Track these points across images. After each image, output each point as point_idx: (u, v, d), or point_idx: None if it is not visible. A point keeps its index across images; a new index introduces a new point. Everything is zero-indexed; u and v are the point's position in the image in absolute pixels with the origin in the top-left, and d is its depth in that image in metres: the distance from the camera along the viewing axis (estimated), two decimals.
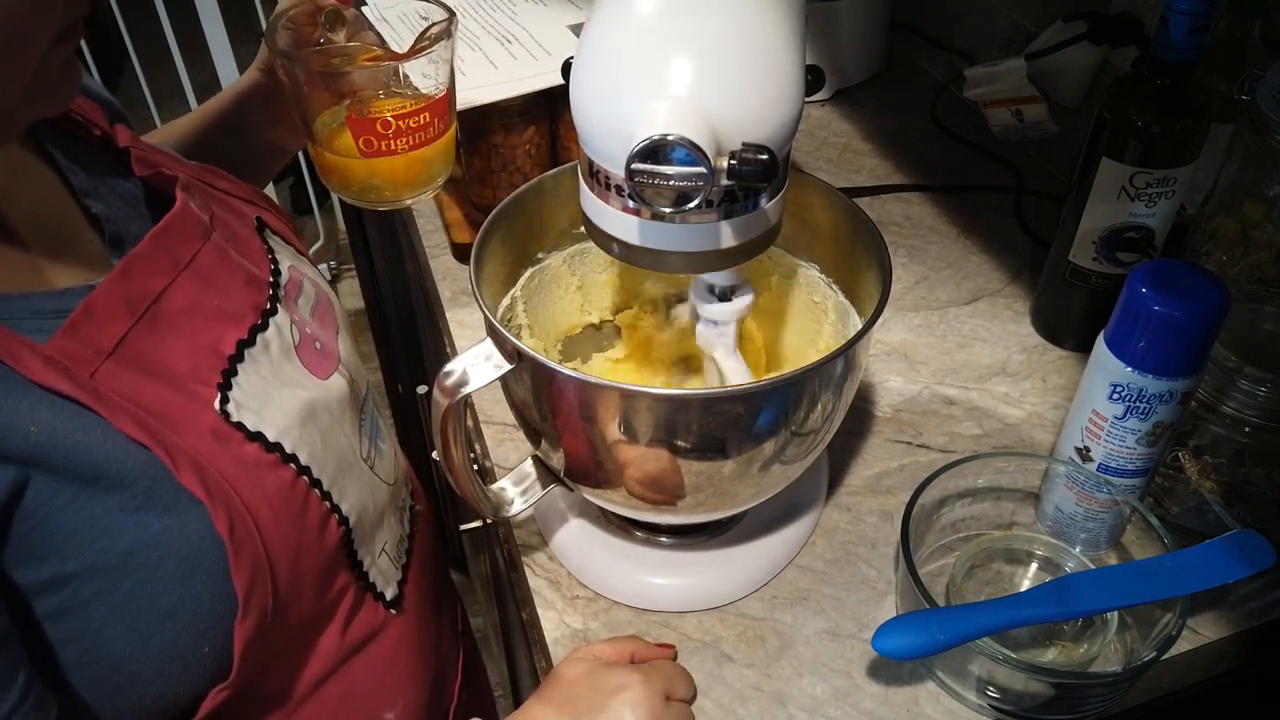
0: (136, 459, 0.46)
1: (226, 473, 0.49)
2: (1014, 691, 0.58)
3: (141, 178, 0.58)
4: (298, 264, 0.64)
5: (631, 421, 0.54)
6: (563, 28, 0.96)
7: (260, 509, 0.50)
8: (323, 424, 0.57)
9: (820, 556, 0.70)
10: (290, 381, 0.56)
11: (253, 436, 0.51)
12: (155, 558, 0.47)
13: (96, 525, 0.45)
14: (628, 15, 0.48)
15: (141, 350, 0.49)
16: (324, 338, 0.62)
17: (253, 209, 0.64)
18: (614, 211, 0.52)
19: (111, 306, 0.49)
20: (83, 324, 0.47)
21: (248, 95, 0.75)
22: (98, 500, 0.45)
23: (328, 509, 0.55)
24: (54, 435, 0.44)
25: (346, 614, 0.59)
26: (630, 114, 0.47)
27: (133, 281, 0.50)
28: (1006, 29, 1.11)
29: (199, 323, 0.52)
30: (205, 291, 0.53)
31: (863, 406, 0.80)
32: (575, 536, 0.69)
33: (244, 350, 0.54)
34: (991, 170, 1.08)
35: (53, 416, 0.44)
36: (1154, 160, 0.72)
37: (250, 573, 0.49)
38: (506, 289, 0.68)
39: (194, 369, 0.51)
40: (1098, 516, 0.65)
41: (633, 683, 0.53)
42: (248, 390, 0.53)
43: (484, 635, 1.58)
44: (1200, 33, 0.67)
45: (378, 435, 0.66)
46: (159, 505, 0.47)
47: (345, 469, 0.58)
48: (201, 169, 0.63)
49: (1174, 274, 0.58)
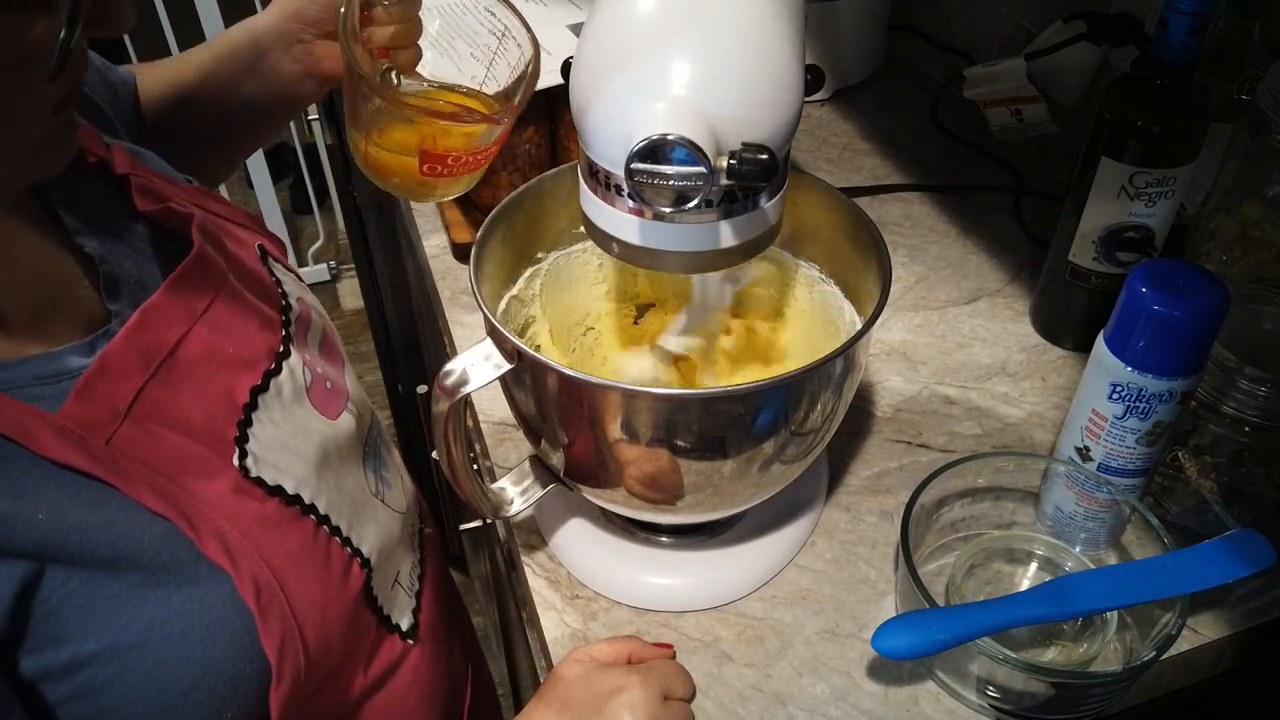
0: (154, 532, 0.45)
1: (249, 534, 0.48)
2: (1014, 691, 0.58)
3: (145, 212, 0.55)
4: (302, 294, 0.63)
5: (631, 421, 0.55)
6: (563, 28, 0.96)
7: (285, 569, 0.49)
8: (335, 466, 0.56)
9: (820, 556, 0.70)
10: (303, 426, 0.55)
11: (273, 491, 0.50)
12: (178, 631, 0.46)
13: (114, 604, 0.44)
14: (628, 15, 0.48)
15: (158, 404, 0.47)
16: (333, 375, 0.61)
17: (251, 235, 0.62)
18: (614, 211, 0.52)
19: (126, 362, 0.46)
20: (97, 383, 0.45)
21: (268, 41, 0.70)
22: (115, 580, 0.44)
23: (349, 555, 0.55)
24: (64, 521, 0.42)
25: (368, 652, 0.59)
26: (630, 114, 0.47)
27: (149, 334, 0.48)
28: (1006, 29, 1.11)
29: (214, 372, 0.50)
30: (221, 339, 0.51)
31: (863, 406, 0.80)
32: (575, 536, 0.69)
33: (258, 397, 0.52)
34: (991, 170, 1.08)
35: (61, 496, 0.43)
36: (1154, 160, 0.72)
37: (280, 637, 0.48)
38: (506, 289, 0.68)
39: (210, 421, 0.49)
40: (1097, 516, 0.65)
41: (630, 683, 0.53)
42: (264, 441, 0.51)
43: (484, 635, 1.58)
44: (1200, 33, 0.67)
45: (382, 467, 0.65)
46: (179, 577, 0.46)
47: (360, 509, 0.57)
48: (197, 192, 0.60)
49: (1174, 274, 0.58)
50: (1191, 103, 0.71)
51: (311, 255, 2.67)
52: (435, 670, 0.67)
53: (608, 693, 0.53)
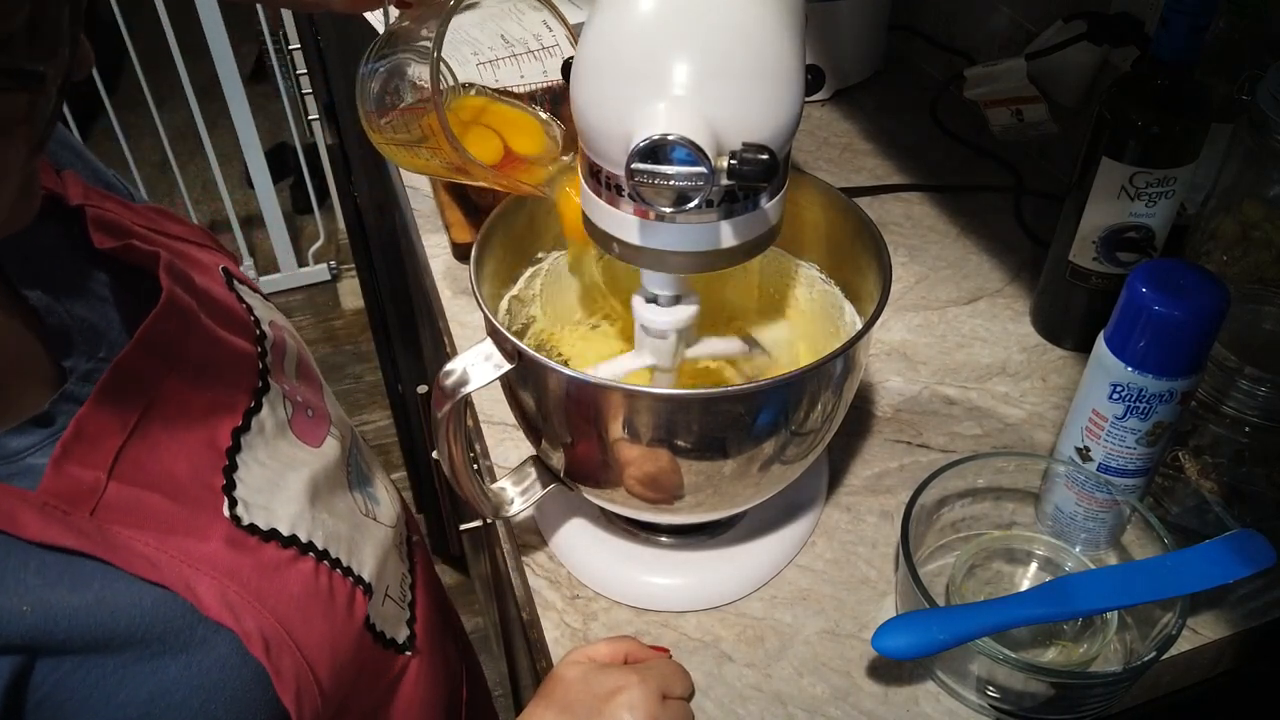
0: (145, 603, 0.43)
1: (250, 585, 0.47)
2: (1014, 691, 0.58)
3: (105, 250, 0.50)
4: (273, 316, 0.61)
5: (632, 421, 0.55)
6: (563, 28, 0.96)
7: (291, 616, 0.48)
8: (325, 497, 0.56)
9: (820, 556, 0.70)
10: (290, 460, 0.54)
11: (268, 536, 0.49)
12: (178, 700, 0.45)
13: (109, 685, 0.43)
14: (628, 15, 0.48)
15: (140, 463, 0.45)
16: (314, 401, 0.60)
17: (212, 256, 0.59)
18: (614, 211, 0.52)
19: (102, 423, 0.44)
20: (75, 448, 0.42)
21: None
22: (109, 660, 0.42)
23: (351, 585, 0.54)
24: (49, 609, 0.40)
25: (371, 673, 0.58)
26: (630, 114, 0.47)
27: (122, 390, 0.45)
28: (1006, 29, 1.11)
29: (194, 420, 0.49)
30: (197, 385, 0.50)
31: (863, 406, 0.80)
32: (575, 536, 0.69)
33: (240, 438, 0.51)
34: (991, 170, 1.08)
35: (43, 583, 0.41)
36: (1154, 160, 0.72)
37: (295, 685, 0.48)
38: (506, 289, 0.68)
39: (195, 471, 0.48)
40: (1098, 516, 0.65)
41: (630, 683, 0.53)
42: (252, 485, 0.50)
43: (484, 635, 1.58)
44: (1200, 32, 0.67)
45: (367, 485, 0.64)
46: (175, 646, 0.44)
47: (356, 533, 0.57)
48: (152, 211, 0.56)
49: (1174, 274, 0.58)
50: (1192, 103, 0.71)
51: (311, 255, 2.67)
52: (435, 677, 0.67)
53: (607, 692, 0.53)
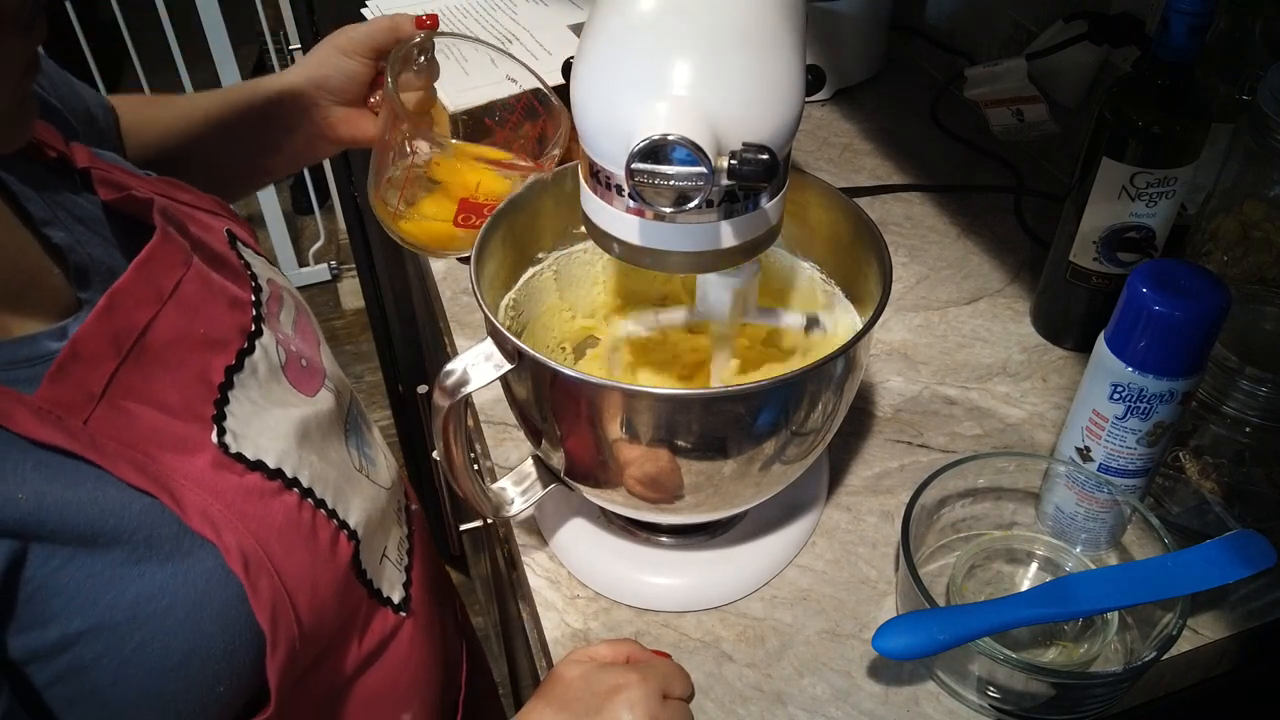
0: (134, 508, 0.45)
1: (233, 506, 0.48)
2: (1014, 691, 0.58)
3: (108, 201, 0.55)
4: (273, 275, 0.63)
5: (632, 421, 0.55)
6: (563, 28, 0.97)
7: (271, 540, 0.50)
8: (316, 442, 0.57)
9: (820, 556, 0.70)
10: (281, 402, 0.55)
11: (253, 466, 0.51)
12: (163, 606, 0.46)
13: (97, 582, 0.44)
14: (628, 15, 0.48)
15: (132, 387, 0.47)
16: (309, 353, 0.61)
17: (219, 220, 0.62)
18: (614, 211, 0.52)
19: (98, 345, 0.46)
20: (71, 367, 0.45)
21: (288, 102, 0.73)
22: (96, 558, 0.44)
23: (336, 527, 0.55)
24: (44, 499, 0.43)
25: (361, 625, 0.59)
26: (630, 114, 0.47)
27: (117, 317, 0.48)
28: (1006, 29, 1.11)
29: (186, 353, 0.51)
30: (191, 320, 0.52)
31: (863, 406, 0.80)
32: (575, 536, 0.69)
33: (233, 376, 0.52)
34: (991, 170, 1.08)
35: (40, 476, 0.43)
36: (1154, 160, 0.72)
37: (271, 605, 0.49)
38: (506, 289, 0.68)
39: (186, 401, 0.49)
40: (1098, 516, 0.65)
41: (630, 682, 0.53)
42: (241, 418, 0.52)
43: (484, 635, 1.58)
44: (1200, 33, 0.67)
45: (364, 444, 0.65)
46: (162, 553, 0.46)
47: (345, 483, 0.58)
48: (162, 182, 0.60)
49: (1174, 274, 0.58)
50: (1192, 103, 0.71)
51: (312, 255, 2.67)
52: (429, 643, 0.67)
53: (607, 691, 0.53)
